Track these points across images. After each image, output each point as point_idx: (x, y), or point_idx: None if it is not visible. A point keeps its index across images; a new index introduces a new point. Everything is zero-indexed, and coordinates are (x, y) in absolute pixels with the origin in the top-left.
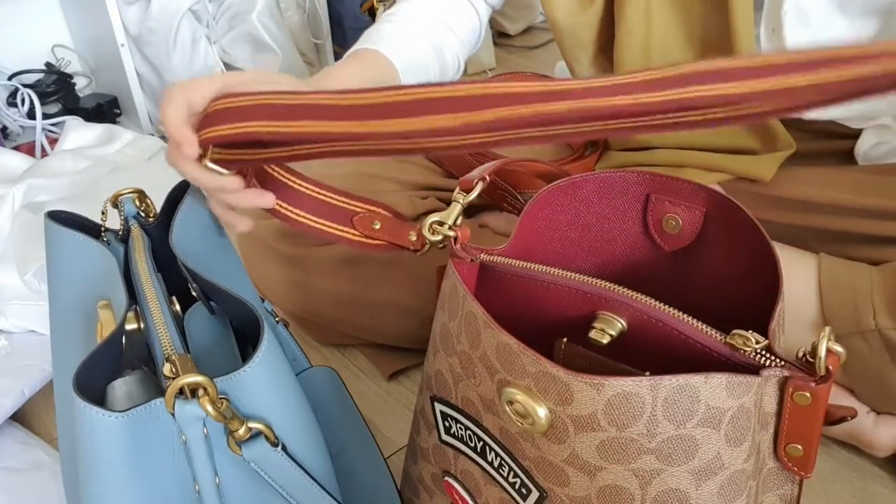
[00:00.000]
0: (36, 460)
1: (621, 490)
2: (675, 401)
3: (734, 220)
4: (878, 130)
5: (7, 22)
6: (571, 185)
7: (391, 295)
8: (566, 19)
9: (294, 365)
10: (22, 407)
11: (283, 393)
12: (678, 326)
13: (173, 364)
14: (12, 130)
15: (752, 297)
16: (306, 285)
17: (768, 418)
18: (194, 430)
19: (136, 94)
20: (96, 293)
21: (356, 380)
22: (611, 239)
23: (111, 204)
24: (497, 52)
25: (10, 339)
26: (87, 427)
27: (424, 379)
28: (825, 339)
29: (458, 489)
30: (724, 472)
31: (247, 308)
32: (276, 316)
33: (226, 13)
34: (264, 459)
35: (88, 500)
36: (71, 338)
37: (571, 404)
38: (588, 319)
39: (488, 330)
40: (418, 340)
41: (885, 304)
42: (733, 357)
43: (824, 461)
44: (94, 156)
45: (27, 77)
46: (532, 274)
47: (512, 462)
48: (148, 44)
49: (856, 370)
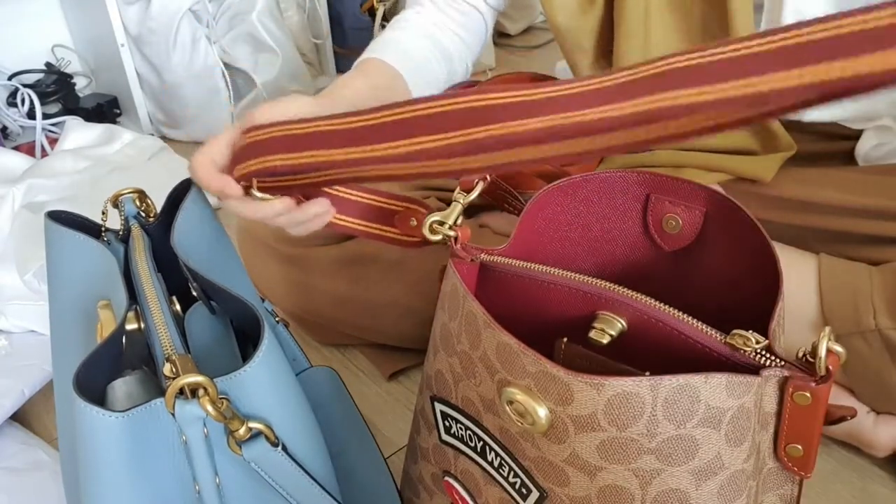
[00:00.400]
0: (36, 460)
1: (621, 490)
2: (675, 401)
3: (734, 220)
4: (879, 131)
5: (7, 22)
6: (571, 185)
7: (391, 295)
8: (567, 22)
9: (294, 365)
10: (22, 407)
11: (283, 393)
12: (678, 326)
13: (173, 364)
14: (12, 130)
15: (752, 297)
16: (306, 285)
17: (768, 418)
18: (194, 430)
19: (136, 94)
20: (96, 293)
21: (356, 380)
22: (611, 239)
23: (111, 204)
24: (497, 52)
25: (10, 339)
26: (87, 427)
27: (424, 379)
28: (825, 339)
29: (458, 489)
30: (725, 472)
31: (247, 308)
32: (276, 316)
33: (226, 13)
34: (264, 459)
35: (88, 500)
36: (71, 338)
37: (571, 404)
38: (588, 319)
39: (488, 330)
40: (418, 340)
41: (885, 304)
42: (733, 357)
43: (824, 461)
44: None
45: (27, 77)
46: (532, 274)
47: (512, 462)
48: (148, 44)
49: (856, 370)
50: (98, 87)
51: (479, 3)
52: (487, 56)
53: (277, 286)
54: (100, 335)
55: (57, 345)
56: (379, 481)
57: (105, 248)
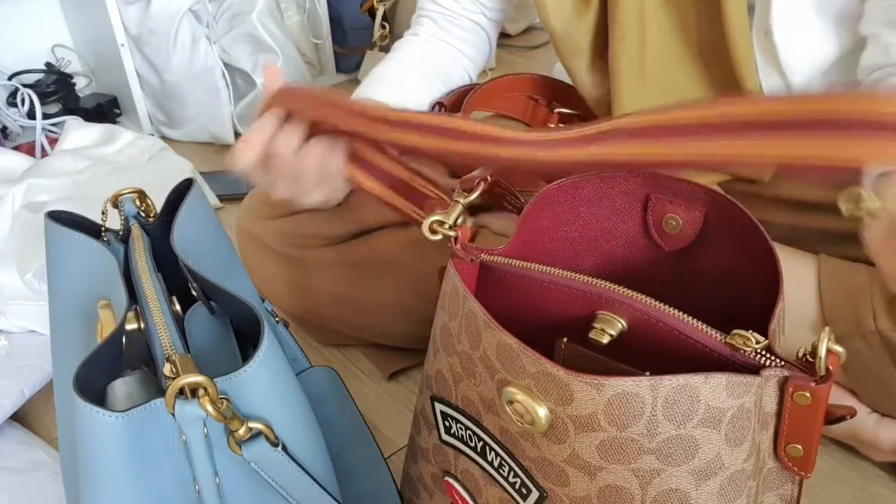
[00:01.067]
0: (36, 460)
1: (621, 490)
2: (675, 401)
3: (734, 220)
4: None
5: (7, 22)
6: (571, 185)
7: (391, 295)
8: (562, 26)
9: (294, 365)
10: (22, 407)
11: (283, 393)
12: (678, 326)
13: (173, 364)
14: (12, 130)
15: (752, 298)
16: (306, 286)
17: (768, 418)
18: (194, 430)
19: (136, 94)
20: (96, 293)
21: (356, 380)
22: (611, 239)
23: (111, 204)
24: (497, 52)
25: (10, 339)
26: (87, 427)
27: (424, 379)
28: (825, 339)
29: (458, 489)
30: (724, 472)
31: (247, 308)
32: (276, 316)
33: (226, 13)
34: (264, 459)
35: (88, 500)
36: (71, 338)
37: (571, 404)
38: (588, 319)
39: (489, 330)
40: (418, 340)
41: (885, 305)
42: (733, 357)
43: (824, 461)
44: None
45: (27, 77)
46: (532, 274)
47: (512, 462)
48: (148, 44)
49: (857, 371)
50: (98, 87)
51: (479, 19)
52: None
53: (277, 286)
54: (100, 335)
55: (57, 345)
56: (379, 481)
57: (105, 248)
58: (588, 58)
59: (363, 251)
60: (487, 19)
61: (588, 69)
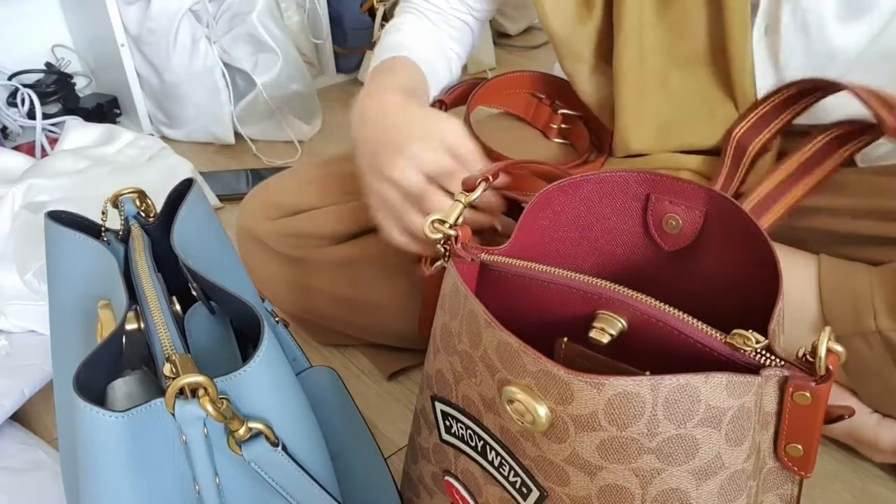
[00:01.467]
0: (36, 460)
1: (621, 489)
2: (675, 400)
3: (734, 220)
4: None
5: (7, 22)
6: (571, 185)
7: (391, 295)
8: (564, 31)
9: (294, 365)
10: (22, 407)
11: (283, 393)
12: (678, 326)
13: (173, 364)
14: (12, 130)
15: (751, 297)
16: (306, 286)
17: (768, 418)
18: (194, 430)
19: (136, 94)
20: (96, 293)
21: (356, 380)
22: (611, 239)
23: (111, 204)
24: (497, 52)
25: (10, 339)
26: (87, 427)
27: (425, 378)
28: (825, 339)
29: (458, 489)
30: (725, 472)
31: (247, 308)
32: (276, 316)
33: (226, 13)
34: (264, 459)
35: (88, 500)
36: (71, 338)
37: (572, 403)
38: (588, 319)
39: (489, 329)
40: (418, 340)
41: (886, 305)
42: (733, 357)
43: (824, 461)
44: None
45: (27, 77)
46: (532, 273)
47: (512, 461)
48: (148, 44)
49: (857, 371)
50: (98, 87)
51: (467, 18)
52: (487, 55)
53: (278, 286)
54: (100, 335)
55: (57, 345)
56: (379, 481)
57: (105, 248)
58: (591, 63)
59: (363, 251)
60: (474, 19)
61: (591, 74)
